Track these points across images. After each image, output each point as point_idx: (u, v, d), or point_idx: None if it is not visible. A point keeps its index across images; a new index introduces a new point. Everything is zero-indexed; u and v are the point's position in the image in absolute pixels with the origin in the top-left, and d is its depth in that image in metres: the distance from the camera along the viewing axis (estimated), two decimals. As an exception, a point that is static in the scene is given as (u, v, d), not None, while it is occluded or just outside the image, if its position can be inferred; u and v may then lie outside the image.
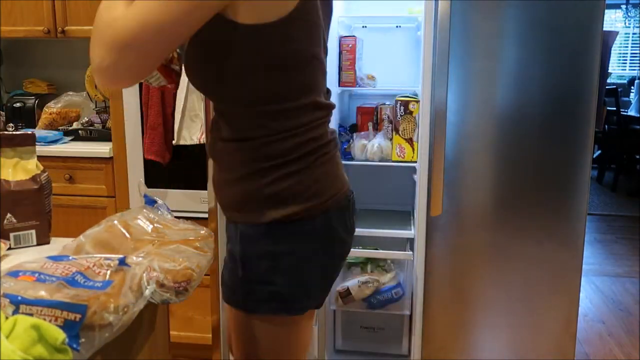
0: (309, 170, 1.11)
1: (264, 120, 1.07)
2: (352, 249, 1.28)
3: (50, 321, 0.79)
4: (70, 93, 2.89)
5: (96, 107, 2.83)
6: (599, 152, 6.17)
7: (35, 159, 1.38)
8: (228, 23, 0.99)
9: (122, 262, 0.96)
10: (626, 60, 7.72)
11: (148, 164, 2.37)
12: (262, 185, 1.10)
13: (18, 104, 2.86)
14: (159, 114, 2.26)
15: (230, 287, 1.17)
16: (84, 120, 2.81)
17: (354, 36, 2.37)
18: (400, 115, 2.29)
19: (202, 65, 1.08)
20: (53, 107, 2.81)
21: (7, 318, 0.75)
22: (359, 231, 1.50)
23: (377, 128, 2.42)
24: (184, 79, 2.23)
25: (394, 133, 2.32)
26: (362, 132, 2.41)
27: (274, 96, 1.06)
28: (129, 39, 0.93)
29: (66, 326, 0.79)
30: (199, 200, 2.36)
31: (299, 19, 1.03)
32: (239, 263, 1.14)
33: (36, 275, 0.88)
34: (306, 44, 1.08)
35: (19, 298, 0.80)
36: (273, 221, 1.10)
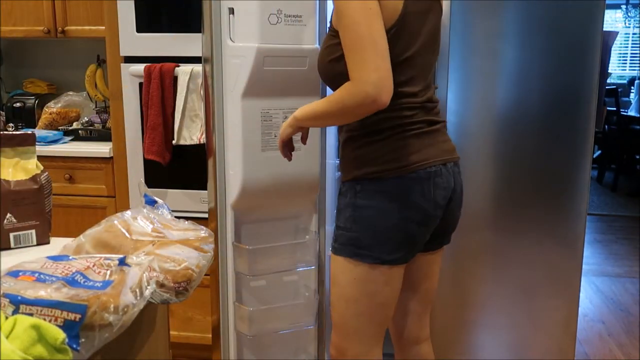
0: (388, 141, 1.35)
1: None
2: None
3: (50, 321, 0.79)
4: (70, 93, 2.88)
5: (96, 107, 2.83)
6: (599, 152, 6.16)
7: (35, 159, 1.38)
8: None
9: (122, 262, 0.96)
10: (626, 60, 7.72)
11: (148, 164, 2.36)
12: (352, 149, 1.40)
13: (18, 104, 2.85)
14: (159, 114, 2.26)
15: (333, 235, 1.45)
16: (84, 120, 2.80)
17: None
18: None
19: None
20: (53, 107, 2.81)
21: (7, 318, 0.75)
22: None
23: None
24: (184, 79, 2.25)
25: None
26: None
27: None
28: None
29: (66, 326, 0.79)
30: (199, 200, 2.36)
31: (399, 28, 1.30)
32: (337, 213, 1.43)
33: (36, 275, 0.88)
34: (401, 49, 1.31)
35: (19, 298, 0.80)
36: (355, 178, 1.38)
